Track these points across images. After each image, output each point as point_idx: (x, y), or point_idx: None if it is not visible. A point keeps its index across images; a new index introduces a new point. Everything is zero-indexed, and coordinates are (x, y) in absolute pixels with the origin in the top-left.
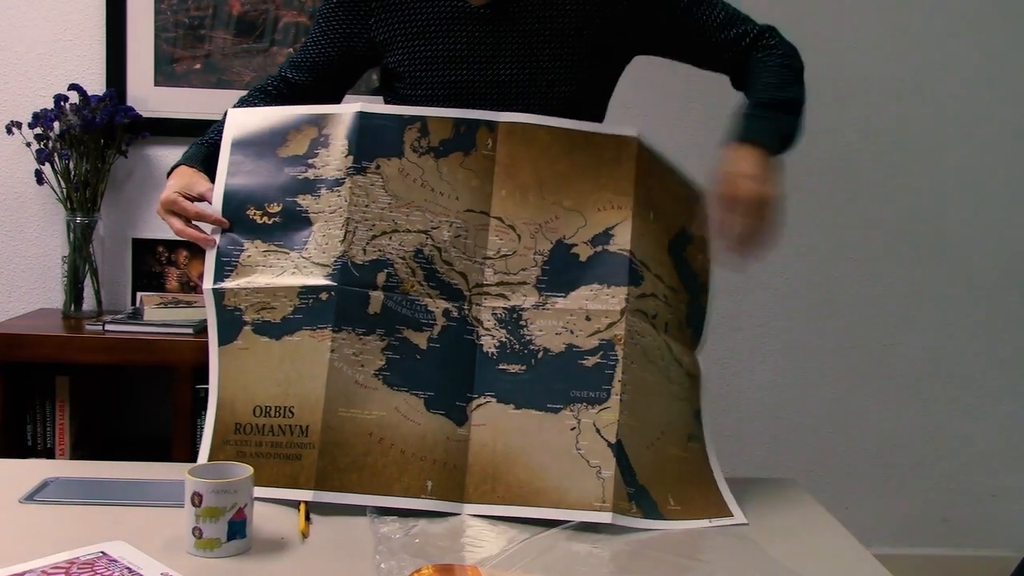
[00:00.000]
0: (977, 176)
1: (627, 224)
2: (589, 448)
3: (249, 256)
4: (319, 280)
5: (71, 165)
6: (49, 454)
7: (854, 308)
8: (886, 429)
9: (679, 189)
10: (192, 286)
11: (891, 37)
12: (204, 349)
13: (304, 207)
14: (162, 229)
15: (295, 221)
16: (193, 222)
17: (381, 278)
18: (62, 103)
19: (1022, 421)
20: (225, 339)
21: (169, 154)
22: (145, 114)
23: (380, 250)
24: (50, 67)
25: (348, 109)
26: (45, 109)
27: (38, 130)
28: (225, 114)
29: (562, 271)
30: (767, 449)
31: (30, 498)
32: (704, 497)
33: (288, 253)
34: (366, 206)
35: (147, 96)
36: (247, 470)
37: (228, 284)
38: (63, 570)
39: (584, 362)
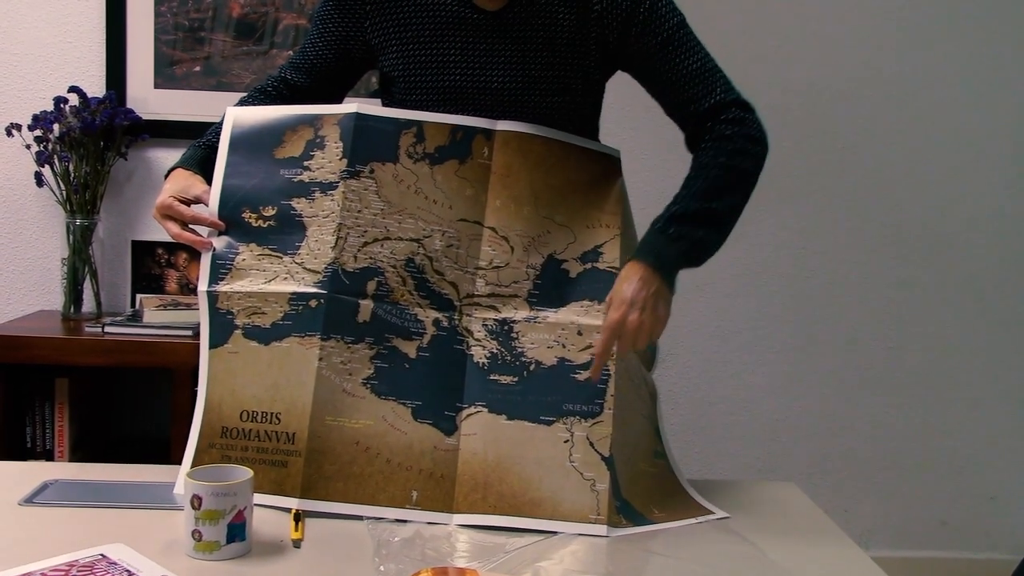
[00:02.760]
0: (976, 177)
1: (615, 243)
2: (583, 461)
3: (244, 259)
4: (310, 287)
5: (71, 167)
6: (48, 456)
7: (853, 310)
8: (884, 432)
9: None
10: (192, 288)
11: (890, 38)
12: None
13: (298, 210)
14: (161, 231)
15: (289, 225)
16: (189, 225)
17: (371, 286)
18: (62, 105)
19: (1021, 424)
20: (216, 342)
21: (169, 156)
22: (145, 116)
23: (371, 258)
24: (50, 69)
25: (344, 110)
26: (45, 111)
27: (38, 132)
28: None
29: (553, 287)
30: (766, 451)
31: (29, 500)
32: (683, 504)
33: (281, 257)
34: (358, 211)
35: (147, 98)
36: (247, 473)
37: (222, 287)
38: (63, 572)
39: (577, 376)
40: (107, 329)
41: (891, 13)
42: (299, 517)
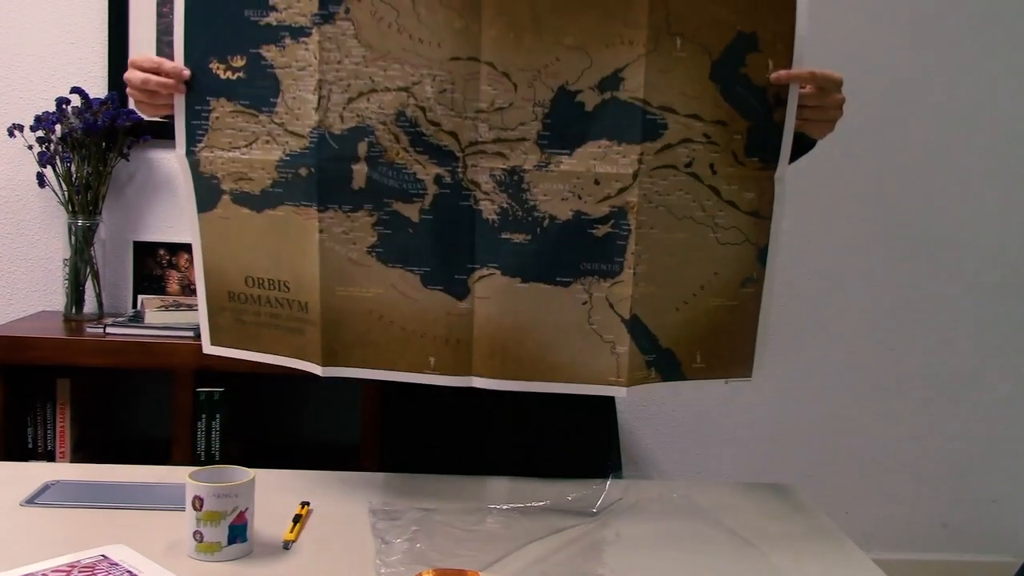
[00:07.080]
0: (975, 179)
1: (640, 64)
2: (602, 323)
3: (217, 117)
4: (296, 153)
5: (73, 168)
6: (50, 457)
7: (853, 312)
8: (885, 434)
9: None
10: (193, 289)
11: (889, 38)
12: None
13: (269, 59)
14: (163, 232)
15: (261, 76)
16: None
17: (362, 148)
18: (64, 106)
19: (1022, 426)
20: (205, 206)
21: (171, 157)
22: (147, 117)
23: (359, 116)
24: (52, 70)
25: None
26: (47, 112)
27: (40, 133)
28: None
29: (566, 124)
30: (766, 453)
31: (31, 501)
32: (731, 352)
33: (257, 116)
34: (338, 62)
35: None
36: (248, 474)
37: (203, 152)
38: (64, 573)
39: (594, 231)
40: (109, 330)
41: (891, 13)
42: (298, 519)
